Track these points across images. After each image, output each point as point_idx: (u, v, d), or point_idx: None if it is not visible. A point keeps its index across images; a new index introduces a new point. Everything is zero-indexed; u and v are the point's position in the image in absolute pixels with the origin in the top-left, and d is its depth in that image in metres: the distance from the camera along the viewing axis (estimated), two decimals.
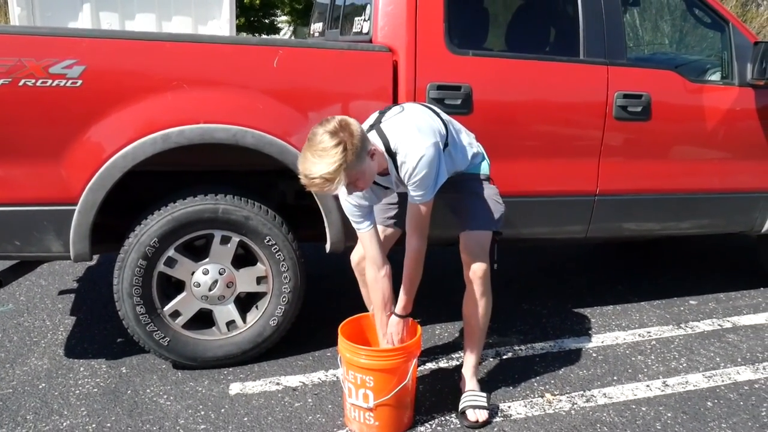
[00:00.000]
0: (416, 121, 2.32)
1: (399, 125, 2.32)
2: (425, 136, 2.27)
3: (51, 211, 2.59)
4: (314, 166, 2.06)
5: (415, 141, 2.26)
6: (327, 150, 2.05)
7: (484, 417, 2.52)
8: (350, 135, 2.09)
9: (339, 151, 2.05)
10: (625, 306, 3.77)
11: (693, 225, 3.61)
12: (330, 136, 2.07)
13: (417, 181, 2.27)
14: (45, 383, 2.77)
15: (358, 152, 2.10)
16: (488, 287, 2.55)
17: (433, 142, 2.27)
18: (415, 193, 2.31)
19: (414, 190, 2.31)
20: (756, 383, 2.91)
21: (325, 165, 2.04)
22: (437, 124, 2.39)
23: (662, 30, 4.61)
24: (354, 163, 2.10)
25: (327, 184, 2.07)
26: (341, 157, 2.05)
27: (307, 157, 2.08)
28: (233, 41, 2.95)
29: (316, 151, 2.06)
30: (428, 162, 2.24)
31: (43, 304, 3.66)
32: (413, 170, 2.25)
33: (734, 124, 3.41)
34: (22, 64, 2.42)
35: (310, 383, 2.81)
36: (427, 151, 2.24)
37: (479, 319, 2.58)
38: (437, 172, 2.29)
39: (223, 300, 2.84)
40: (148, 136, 2.57)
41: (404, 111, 2.39)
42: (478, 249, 2.50)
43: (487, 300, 2.57)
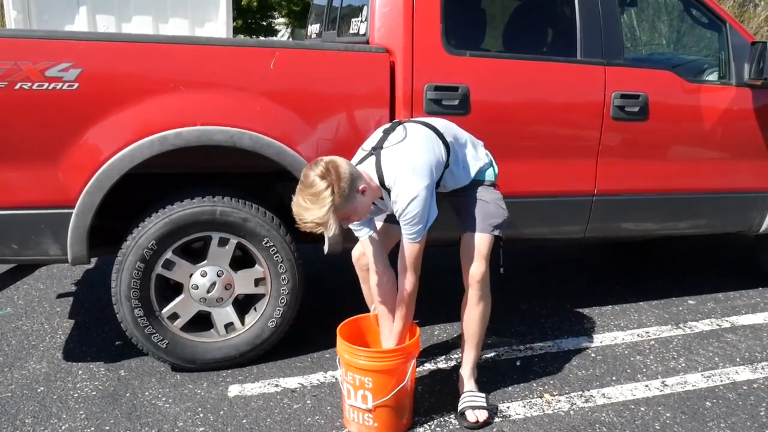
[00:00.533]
0: (413, 158, 2.32)
1: (396, 161, 2.32)
2: (419, 177, 2.27)
3: (48, 215, 2.59)
4: (306, 212, 2.14)
5: (408, 182, 2.27)
6: (316, 195, 2.12)
7: (484, 417, 2.52)
8: (338, 178, 2.13)
9: (327, 195, 2.11)
10: (623, 306, 3.77)
11: (691, 225, 3.62)
12: (319, 180, 2.12)
13: (408, 219, 2.30)
14: (44, 387, 2.77)
15: (346, 194, 2.16)
16: (486, 291, 2.55)
17: (426, 185, 2.27)
18: (406, 231, 2.33)
19: (405, 228, 2.33)
20: (755, 383, 2.91)
21: (316, 210, 2.12)
22: (437, 153, 2.38)
23: (659, 30, 4.61)
24: (343, 205, 2.17)
25: (320, 228, 2.15)
26: (330, 202, 2.11)
27: (299, 202, 2.16)
28: (230, 43, 2.94)
29: (306, 196, 2.14)
30: (419, 203, 2.26)
31: (42, 307, 3.65)
32: (404, 210, 2.28)
33: (732, 124, 3.42)
34: (19, 68, 2.41)
35: (308, 385, 2.81)
36: (420, 194, 2.26)
37: (477, 323, 2.57)
38: (428, 213, 2.32)
39: (221, 302, 2.84)
40: (146, 138, 2.56)
41: (405, 140, 2.37)
42: (476, 253, 2.49)
43: (485, 304, 2.56)
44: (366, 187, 2.26)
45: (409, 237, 2.34)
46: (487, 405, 2.59)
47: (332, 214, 2.13)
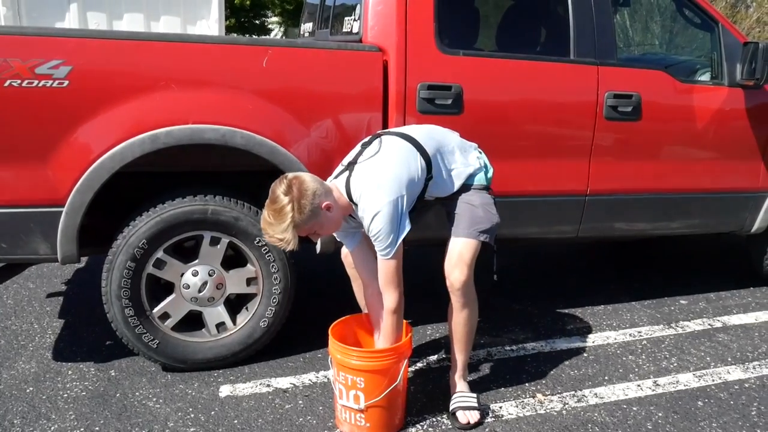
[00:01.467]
0: (380, 174, 2.30)
1: (363, 177, 2.32)
2: (383, 193, 2.26)
3: (38, 213, 2.56)
4: (269, 227, 2.20)
5: (371, 198, 2.26)
6: (278, 211, 2.17)
7: (476, 418, 2.52)
8: (300, 195, 2.16)
9: (288, 211, 2.16)
10: (616, 306, 3.77)
11: (683, 225, 3.62)
12: (282, 196, 2.17)
13: (374, 236, 2.29)
14: (32, 387, 2.74)
15: (308, 211, 2.18)
16: (470, 297, 2.51)
17: (390, 200, 2.25)
18: (377, 247, 2.32)
19: (375, 244, 2.32)
20: (746, 382, 2.92)
21: (277, 226, 2.17)
22: (412, 167, 2.35)
23: (652, 30, 4.62)
24: (305, 221, 2.19)
25: (283, 243, 2.19)
26: (290, 218, 2.16)
27: (264, 217, 2.21)
28: (222, 41, 2.93)
29: (270, 211, 2.19)
30: (383, 219, 2.24)
31: (31, 307, 3.63)
32: (369, 225, 2.28)
33: (724, 124, 3.43)
34: (8, 65, 2.39)
35: (300, 385, 2.80)
36: (383, 209, 2.24)
37: (463, 327, 2.55)
38: (397, 228, 2.28)
39: (212, 302, 2.82)
40: (136, 136, 2.54)
41: (377, 154, 2.36)
42: (458, 259, 2.45)
43: (470, 309, 2.53)
44: (332, 204, 2.26)
45: (381, 253, 2.32)
46: (479, 405, 2.58)
47: (292, 231, 2.17)
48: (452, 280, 2.46)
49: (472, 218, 2.47)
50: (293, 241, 2.19)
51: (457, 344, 2.59)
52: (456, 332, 2.57)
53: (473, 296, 2.53)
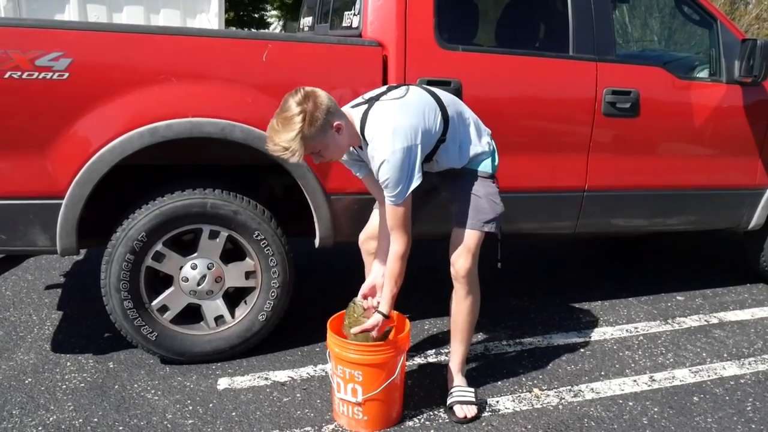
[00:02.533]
0: (399, 118, 2.26)
1: (382, 116, 2.27)
2: (397, 138, 2.21)
3: (37, 205, 2.57)
4: (276, 134, 2.13)
5: (384, 142, 2.22)
6: (288, 119, 2.11)
7: (473, 412, 2.53)
8: (314, 106, 2.13)
9: (298, 121, 2.10)
10: (612, 302, 3.79)
11: (680, 221, 3.63)
12: (295, 106, 2.12)
13: (383, 182, 2.25)
14: (31, 378, 2.75)
15: (319, 125, 2.14)
16: (473, 286, 2.54)
17: (404, 147, 2.21)
18: (386, 193, 2.29)
19: (384, 190, 2.28)
20: (741, 378, 2.94)
21: (285, 133, 2.11)
22: (429, 120, 2.32)
23: (651, 27, 4.63)
24: (314, 135, 2.14)
25: (287, 153, 2.14)
26: (299, 128, 2.10)
27: (272, 125, 2.16)
28: (222, 35, 2.93)
29: (280, 119, 2.14)
30: (392, 167, 2.20)
31: (30, 298, 3.63)
32: (378, 170, 2.25)
33: (722, 121, 3.44)
34: (8, 56, 2.39)
35: (298, 378, 2.81)
36: (392, 156, 2.20)
37: (465, 317, 2.57)
38: (407, 177, 2.24)
39: (211, 295, 2.83)
40: (136, 129, 2.55)
41: (402, 98, 2.34)
42: (464, 248, 2.47)
43: (473, 299, 2.55)
44: (343, 126, 2.22)
45: (389, 199, 2.28)
46: (476, 400, 2.60)
47: (299, 141, 2.11)
48: (457, 268, 2.49)
49: (476, 209, 2.48)
50: (298, 153, 2.12)
51: (457, 335, 2.61)
52: (458, 322, 2.58)
53: (477, 285, 2.55)
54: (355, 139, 2.32)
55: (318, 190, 2.81)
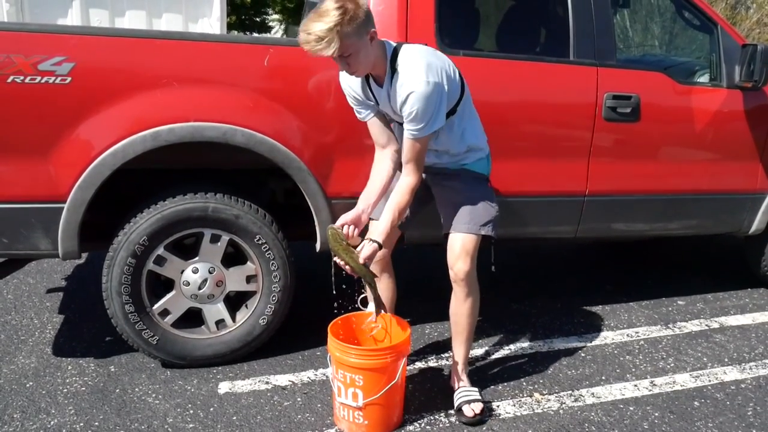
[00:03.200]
0: (433, 58, 2.27)
1: (415, 51, 2.27)
2: (432, 72, 2.21)
3: (39, 209, 2.58)
4: (312, 24, 2.10)
5: (418, 72, 2.20)
6: (328, 11, 2.09)
7: (480, 409, 2.54)
8: (356, 6, 2.12)
9: (338, 14, 2.08)
10: (613, 306, 3.79)
11: (681, 225, 3.64)
12: (333, 3, 2.10)
13: (410, 113, 2.23)
14: (32, 382, 2.76)
15: (358, 24, 2.13)
16: (473, 288, 2.54)
17: (436, 82, 2.21)
18: (407, 126, 2.27)
19: (406, 122, 2.27)
20: (742, 383, 2.93)
21: (322, 23, 2.08)
22: (454, 77, 2.35)
23: (652, 31, 4.64)
24: (350, 33, 2.11)
25: (320, 43, 2.09)
26: (338, 20, 2.07)
27: (309, 16, 2.13)
28: (224, 39, 2.94)
29: (318, 13, 2.11)
30: (422, 97, 2.19)
31: (31, 302, 3.64)
32: (405, 100, 2.22)
33: (722, 126, 3.44)
34: (11, 61, 2.40)
35: (299, 382, 2.81)
36: (425, 88, 2.18)
37: (465, 319, 2.58)
38: (434, 112, 2.24)
39: (212, 299, 2.84)
40: (138, 134, 2.56)
41: (434, 50, 2.36)
42: (462, 251, 2.48)
43: (473, 301, 2.56)
44: (375, 38, 2.22)
45: (411, 132, 2.28)
46: (482, 398, 2.62)
47: (336, 34, 2.07)
48: (456, 271, 2.49)
49: (472, 213, 2.48)
50: (333, 45, 2.09)
51: (458, 336, 2.62)
52: (458, 324, 2.60)
53: (476, 287, 2.56)
54: (380, 65, 2.29)
55: (319, 194, 2.81)
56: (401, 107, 2.26)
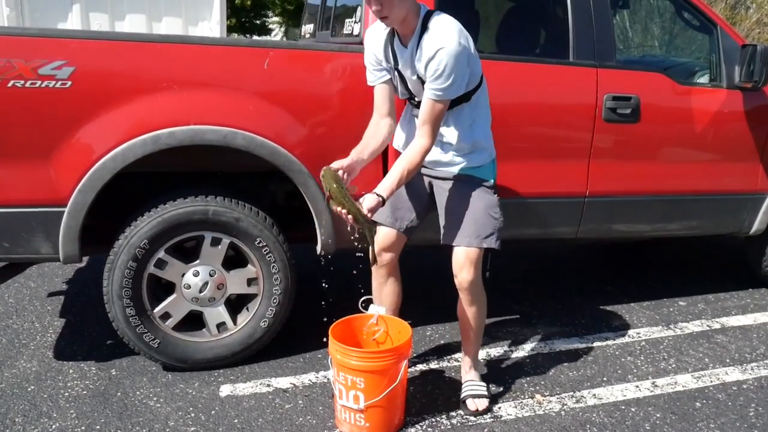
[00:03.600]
0: (465, 32, 2.27)
1: (449, 18, 2.28)
2: (463, 37, 2.23)
3: (40, 213, 2.58)
4: None
5: (450, 33, 2.21)
6: None
7: (484, 405, 2.58)
8: None
9: None
10: (614, 307, 3.79)
11: (682, 226, 3.64)
12: None
13: (436, 71, 2.21)
14: (34, 386, 2.76)
15: None
16: (479, 292, 2.57)
17: (466, 46, 2.23)
18: (431, 85, 2.25)
19: (430, 81, 2.25)
20: (744, 384, 2.93)
21: None
22: (477, 64, 2.36)
23: (652, 32, 4.64)
24: None
25: None
26: None
27: None
28: (224, 42, 2.95)
29: None
30: (451, 56, 2.19)
31: (32, 306, 3.64)
32: (432, 57, 2.21)
33: (722, 126, 3.44)
34: (11, 65, 2.41)
35: (300, 385, 2.81)
36: (455, 47, 2.19)
37: (473, 323, 2.61)
38: (460, 75, 2.24)
39: (213, 302, 2.84)
40: (138, 137, 2.56)
41: None
42: (466, 261, 2.48)
43: (480, 304, 2.59)
44: None
45: (435, 92, 2.26)
46: (488, 394, 2.64)
47: None
48: (460, 279, 2.50)
49: (474, 224, 2.46)
50: None
51: (467, 338, 2.67)
52: (466, 327, 2.64)
53: (482, 293, 2.58)
54: (411, 21, 2.29)
55: (319, 197, 2.81)
56: (427, 63, 2.24)
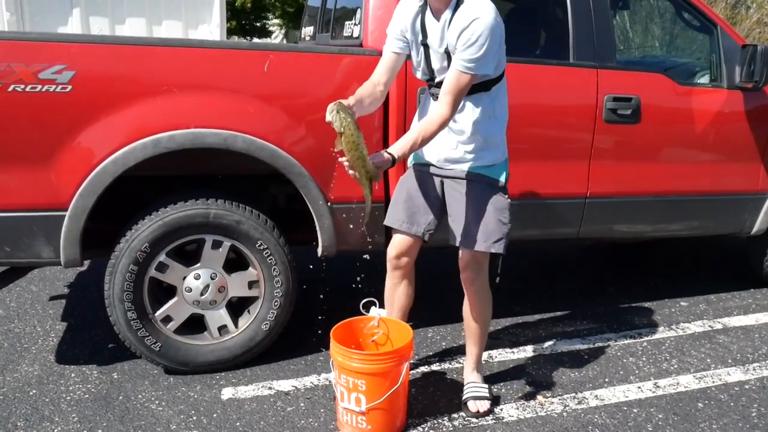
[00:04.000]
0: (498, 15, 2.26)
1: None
2: (498, 16, 2.23)
3: (41, 217, 2.58)
4: None
5: (487, 6, 2.22)
6: None
7: (486, 407, 2.59)
8: None
9: None
10: (616, 308, 3.78)
11: (683, 227, 3.63)
12: None
13: (467, 41, 2.19)
14: (36, 390, 2.76)
15: None
16: (485, 293, 2.59)
17: (500, 23, 2.24)
18: (460, 56, 2.22)
19: (461, 51, 2.22)
20: (746, 384, 2.93)
21: None
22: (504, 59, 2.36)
23: (652, 32, 4.63)
24: None
25: None
26: None
27: None
28: (223, 46, 2.95)
29: None
30: (485, 27, 2.18)
31: (34, 309, 3.64)
32: (467, 26, 2.20)
33: (723, 127, 3.44)
34: (12, 70, 2.41)
35: (302, 387, 2.81)
36: (490, 21, 2.19)
37: (478, 322, 2.63)
38: (489, 48, 2.20)
39: (214, 305, 2.84)
40: (139, 141, 2.56)
41: None
42: (472, 262, 2.50)
43: (486, 305, 2.61)
44: None
45: (465, 64, 2.22)
46: (490, 396, 2.65)
47: None
48: (470, 281, 2.53)
49: (484, 229, 2.44)
50: None
51: (471, 338, 2.68)
52: (470, 327, 2.65)
53: (487, 293, 2.60)
54: None
55: (320, 199, 2.82)
56: (460, 33, 2.23)
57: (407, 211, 2.56)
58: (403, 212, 2.55)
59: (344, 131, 2.11)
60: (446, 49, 2.33)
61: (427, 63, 2.43)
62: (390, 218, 2.60)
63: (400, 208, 2.57)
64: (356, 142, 2.11)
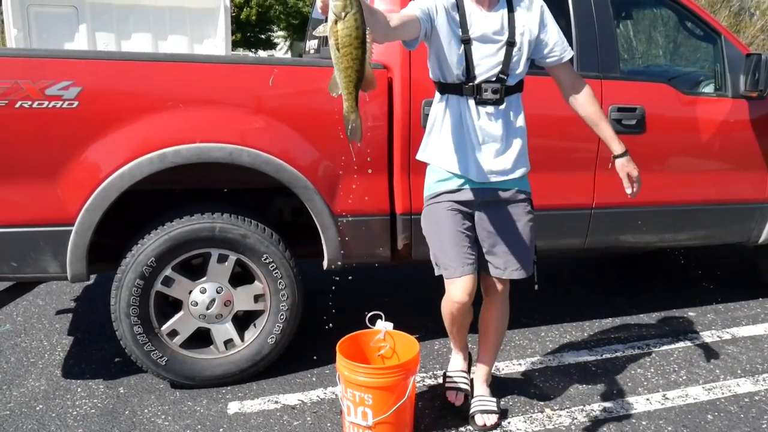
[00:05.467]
0: None
1: None
2: None
3: (48, 232, 2.59)
4: None
5: None
6: None
7: (493, 421, 2.57)
8: None
9: None
10: (623, 318, 3.76)
11: (690, 236, 3.62)
12: None
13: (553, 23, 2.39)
14: (42, 404, 2.76)
15: None
16: (507, 305, 2.63)
17: None
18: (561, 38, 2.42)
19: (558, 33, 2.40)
20: (756, 395, 2.90)
21: None
22: None
23: (656, 42, 4.63)
24: None
25: None
26: None
27: None
28: (228, 60, 2.96)
29: None
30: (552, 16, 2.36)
31: (41, 324, 3.65)
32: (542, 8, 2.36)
33: (728, 136, 3.43)
34: (19, 86, 2.43)
35: (308, 401, 2.80)
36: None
37: (497, 333, 2.63)
38: None
39: (220, 318, 2.84)
40: (145, 156, 2.58)
41: None
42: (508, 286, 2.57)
43: (506, 317, 2.64)
44: None
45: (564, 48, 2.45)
46: (498, 409, 2.63)
47: None
48: (497, 299, 2.57)
49: (526, 255, 2.51)
50: None
51: (489, 351, 2.67)
52: (489, 340, 2.65)
53: (508, 307, 2.63)
54: None
55: (325, 212, 2.82)
56: (540, 24, 2.36)
57: (460, 255, 2.37)
58: (457, 259, 2.36)
59: (349, 10, 1.66)
60: (509, 39, 2.28)
61: (468, 61, 2.25)
62: (451, 271, 2.37)
63: (452, 254, 2.36)
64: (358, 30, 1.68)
